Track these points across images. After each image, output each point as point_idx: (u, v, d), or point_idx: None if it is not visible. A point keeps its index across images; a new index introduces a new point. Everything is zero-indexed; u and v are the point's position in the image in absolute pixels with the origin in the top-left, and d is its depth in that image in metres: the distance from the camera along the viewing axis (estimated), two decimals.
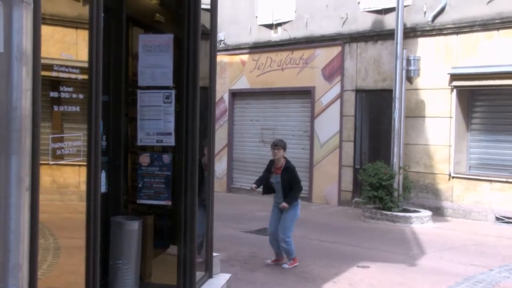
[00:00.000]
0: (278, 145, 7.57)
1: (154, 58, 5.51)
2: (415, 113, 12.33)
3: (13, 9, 2.83)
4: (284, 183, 7.50)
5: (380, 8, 12.90)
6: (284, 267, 7.56)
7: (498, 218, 11.24)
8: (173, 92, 5.47)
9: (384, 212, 11.26)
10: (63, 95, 3.60)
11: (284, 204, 7.42)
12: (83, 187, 3.84)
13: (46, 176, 3.50)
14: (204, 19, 5.76)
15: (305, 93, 14.33)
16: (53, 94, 3.51)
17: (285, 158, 7.67)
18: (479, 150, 12.03)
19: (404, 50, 11.85)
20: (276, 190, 7.63)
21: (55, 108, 3.57)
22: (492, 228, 10.80)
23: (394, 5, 11.96)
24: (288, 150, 14.67)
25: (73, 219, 4.02)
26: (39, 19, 3.01)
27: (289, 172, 7.54)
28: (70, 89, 3.65)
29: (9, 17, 2.83)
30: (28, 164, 2.97)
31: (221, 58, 15.30)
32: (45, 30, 3.23)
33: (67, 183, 3.97)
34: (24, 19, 2.87)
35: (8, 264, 2.86)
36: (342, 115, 13.54)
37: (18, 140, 2.88)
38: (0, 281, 2.84)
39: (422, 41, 12.29)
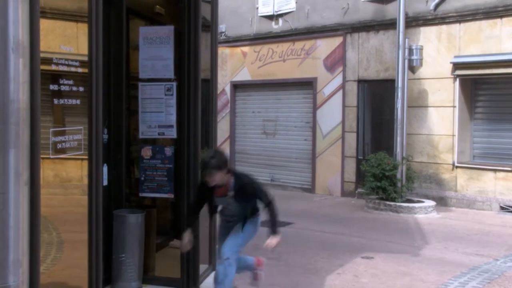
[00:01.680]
0: (208, 167, 4.75)
1: (155, 50, 5.49)
2: (418, 102, 12.27)
3: (8, 0, 2.79)
4: (244, 201, 5.05)
5: None
6: None
7: (503, 207, 11.20)
8: (174, 84, 5.45)
9: (388, 202, 11.23)
10: (63, 88, 3.57)
11: (270, 243, 4.99)
12: (85, 180, 3.82)
13: (48, 170, 3.48)
14: (205, 10, 5.72)
15: (307, 84, 14.27)
16: (53, 87, 3.48)
17: (231, 172, 4.95)
18: (483, 139, 11.97)
19: (406, 39, 11.77)
20: (229, 209, 5.16)
21: (55, 101, 3.54)
22: (496, 217, 10.77)
23: None
24: (291, 141, 14.94)
25: (76, 213, 4.00)
26: (37, 11, 2.97)
27: (246, 190, 4.96)
28: (70, 82, 3.62)
29: (4, 8, 2.79)
30: (27, 158, 2.94)
31: (222, 50, 15.24)
32: (45, 23, 3.19)
33: (69, 176, 3.95)
34: (20, 10, 2.83)
35: (8, 260, 2.84)
36: (344, 106, 13.48)
37: (16, 134, 2.84)
38: (0, 277, 2.81)
39: (424, 30, 12.21)
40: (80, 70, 3.71)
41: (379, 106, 13.22)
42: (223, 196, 4.97)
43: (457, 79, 11.75)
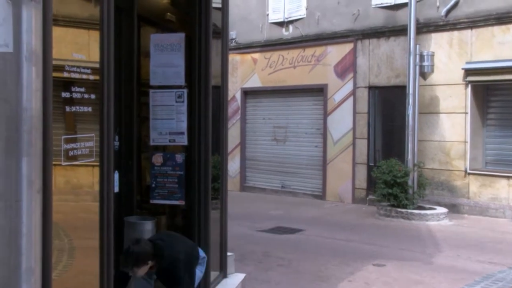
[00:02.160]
0: (129, 263, 4.34)
1: (166, 57, 5.50)
2: (429, 109, 12.21)
3: (22, 8, 2.80)
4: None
5: (392, 3, 12.78)
6: None
7: None
8: (185, 91, 5.45)
9: (399, 209, 11.17)
10: (75, 95, 3.57)
11: None
12: (97, 187, 3.82)
13: (59, 177, 3.48)
14: (216, 17, 5.73)
15: (318, 91, 14.26)
16: (65, 94, 3.49)
17: (153, 261, 4.39)
18: (496, 145, 11.88)
19: (417, 45, 11.73)
20: None
21: (67, 108, 3.55)
22: (509, 225, 10.66)
23: (406, 0, 11.85)
24: (301, 148, 14.91)
25: (88, 220, 4.00)
26: (50, 19, 2.98)
27: (166, 275, 4.50)
28: (82, 90, 3.63)
29: (18, 16, 2.80)
30: (39, 166, 2.94)
31: (233, 56, 15.27)
32: (57, 31, 3.21)
33: (80, 183, 3.95)
34: (33, 18, 2.83)
35: (21, 269, 2.83)
36: (355, 112, 13.45)
37: (29, 142, 2.84)
38: (13, 285, 2.81)
39: (435, 36, 12.17)
40: (91, 77, 3.71)
41: (390, 112, 13.17)
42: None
43: (469, 85, 11.68)
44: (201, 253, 4.90)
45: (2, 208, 2.84)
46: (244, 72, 15.77)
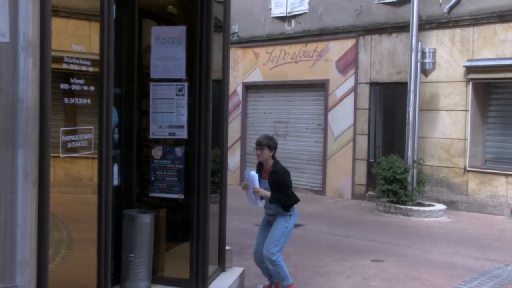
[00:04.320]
0: (261, 144, 5.93)
1: (166, 50, 5.48)
2: (430, 106, 12.20)
3: None
4: (272, 189, 5.80)
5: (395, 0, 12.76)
6: None
7: None
8: (185, 84, 5.44)
9: (398, 206, 11.18)
10: (74, 87, 3.57)
11: (258, 189, 5.69)
12: (95, 180, 3.82)
13: (58, 169, 3.49)
14: (217, 11, 5.71)
15: (319, 86, 14.24)
16: (64, 86, 3.48)
17: (274, 159, 6.01)
18: (495, 143, 11.87)
19: (419, 42, 11.71)
20: (265, 198, 5.88)
21: (66, 100, 3.54)
22: (507, 222, 10.67)
23: None
24: (302, 143, 14.88)
25: (86, 212, 4.01)
26: (49, 10, 2.97)
27: (276, 176, 5.85)
28: (81, 81, 3.62)
29: (14, 5, 2.78)
30: (35, 158, 2.93)
31: (234, 50, 15.24)
32: (57, 22, 3.20)
33: (79, 176, 3.96)
34: (30, 8, 2.82)
35: (15, 260, 2.83)
36: (356, 108, 13.43)
37: (25, 133, 2.83)
38: (7, 277, 2.81)
39: (437, 33, 12.14)
40: (91, 69, 3.71)
41: (391, 109, 13.15)
42: (264, 179, 5.86)
43: (470, 83, 11.66)
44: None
45: None
46: (245, 67, 15.75)
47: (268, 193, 5.71)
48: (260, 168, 6.06)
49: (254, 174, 5.80)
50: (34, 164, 2.91)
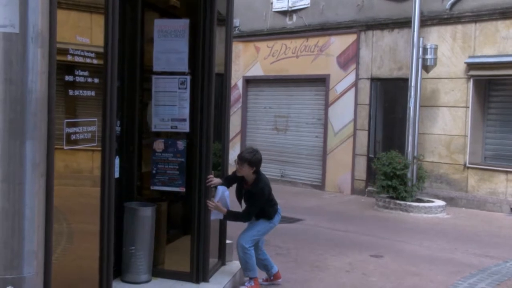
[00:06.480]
0: (242, 159, 5.60)
1: (169, 43, 5.47)
2: (431, 102, 12.20)
3: None
4: (245, 200, 5.80)
5: None
6: None
7: None
8: (188, 78, 5.43)
9: (398, 201, 11.19)
10: (78, 79, 3.56)
11: (209, 203, 5.38)
12: (97, 172, 3.82)
13: (61, 161, 3.48)
14: (220, 4, 5.70)
15: (320, 81, 14.23)
16: (68, 78, 3.48)
17: (257, 174, 5.70)
18: (495, 140, 11.88)
19: (421, 38, 11.70)
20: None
21: (70, 92, 3.54)
22: (507, 219, 10.70)
23: None
24: (302, 138, 14.89)
25: (88, 204, 4.01)
26: (55, 0, 2.96)
27: (250, 194, 5.68)
28: (86, 73, 3.62)
29: None
30: (44, 150, 2.93)
31: (236, 44, 15.19)
32: (61, 13, 3.19)
33: (81, 168, 3.95)
34: None
35: (23, 252, 2.83)
36: (356, 104, 13.43)
37: (34, 125, 2.83)
38: (15, 268, 2.81)
39: (439, 29, 12.13)
40: (95, 61, 3.70)
41: (392, 104, 13.15)
42: (246, 190, 5.75)
43: (471, 80, 11.66)
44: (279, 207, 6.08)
45: (6, 191, 2.84)
46: (246, 61, 15.73)
47: (223, 210, 5.55)
48: (239, 177, 5.79)
49: (220, 188, 5.58)
50: (43, 156, 2.91)
